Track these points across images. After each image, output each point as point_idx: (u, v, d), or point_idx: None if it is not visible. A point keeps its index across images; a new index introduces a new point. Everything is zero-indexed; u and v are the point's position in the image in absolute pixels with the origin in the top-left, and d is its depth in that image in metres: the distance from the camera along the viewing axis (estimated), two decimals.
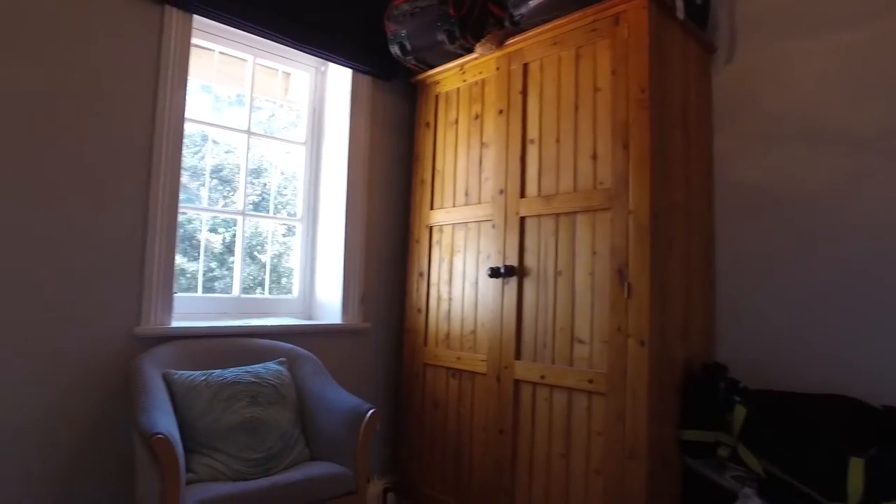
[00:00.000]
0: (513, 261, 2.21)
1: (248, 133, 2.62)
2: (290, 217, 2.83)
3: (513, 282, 2.20)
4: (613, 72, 1.96)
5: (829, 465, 1.58)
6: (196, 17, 2.27)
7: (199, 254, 2.57)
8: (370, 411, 1.94)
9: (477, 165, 2.45)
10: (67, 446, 1.92)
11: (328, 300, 2.72)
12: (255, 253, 2.75)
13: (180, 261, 2.47)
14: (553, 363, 2.03)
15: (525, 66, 2.27)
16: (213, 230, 2.66)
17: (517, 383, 2.14)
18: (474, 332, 2.36)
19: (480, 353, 2.31)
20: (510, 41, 2.29)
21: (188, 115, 2.30)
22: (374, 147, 2.85)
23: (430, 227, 2.65)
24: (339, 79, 2.81)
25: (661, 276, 1.84)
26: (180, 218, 2.26)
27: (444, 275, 2.54)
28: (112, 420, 2.01)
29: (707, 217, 2.17)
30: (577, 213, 2.03)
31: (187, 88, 2.22)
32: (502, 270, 2.22)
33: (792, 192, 2.03)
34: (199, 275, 2.56)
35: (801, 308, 1.98)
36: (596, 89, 2.02)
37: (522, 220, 2.21)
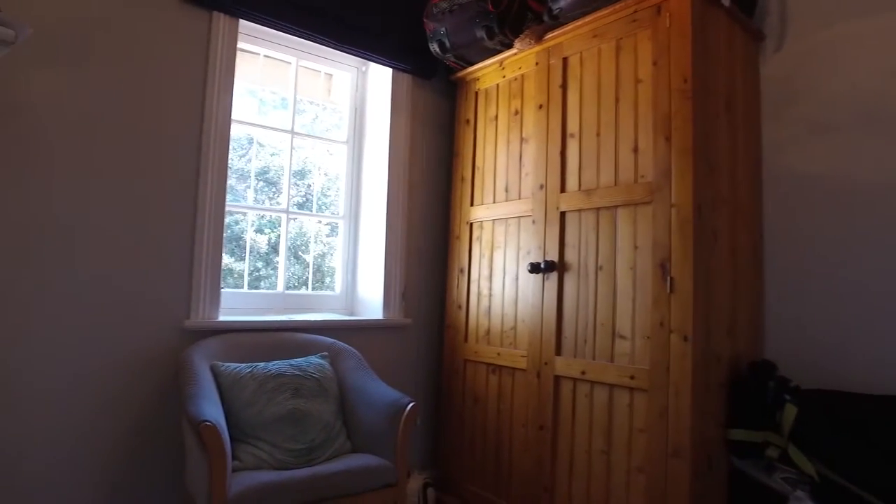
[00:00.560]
0: (553, 256, 2.19)
1: (291, 133, 2.69)
2: (332, 215, 2.89)
3: (553, 277, 2.18)
4: (655, 63, 1.92)
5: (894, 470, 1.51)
6: (242, 22, 2.35)
7: (246, 253, 2.65)
8: (410, 404, 1.96)
9: (517, 161, 2.44)
10: (123, 431, 2.01)
11: (370, 296, 2.76)
12: (299, 253, 2.81)
13: (227, 260, 2.55)
14: (594, 359, 2.00)
15: (565, 60, 2.25)
16: (259, 231, 2.74)
17: (557, 379, 2.12)
18: (514, 327, 2.35)
19: (520, 348, 2.30)
20: (549, 35, 2.27)
21: (234, 117, 2.37)
22: (415, 145, 2.87)
23: (471, 224, 2.65)
24: (380, 78, 2.84)
25: (705, 270, 1.79)
26: (228, 219, 2.34)
27: (485, 271, 2.54)
28: (164, 407, 2.10)
29: (755, 209, 2.10)
30: (618, 206, 2.00)
31: (234, 91, 2.29)
32: (542, 266, 2.20)
33: (846, 183, 1.94)
34: (245, 273, 2.64)
35: (856, 305, 1.89)
36: (637, 81, 1.98)
37: (563, 214, 2.19)
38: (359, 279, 2.83)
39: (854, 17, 1.97)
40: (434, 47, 2.63)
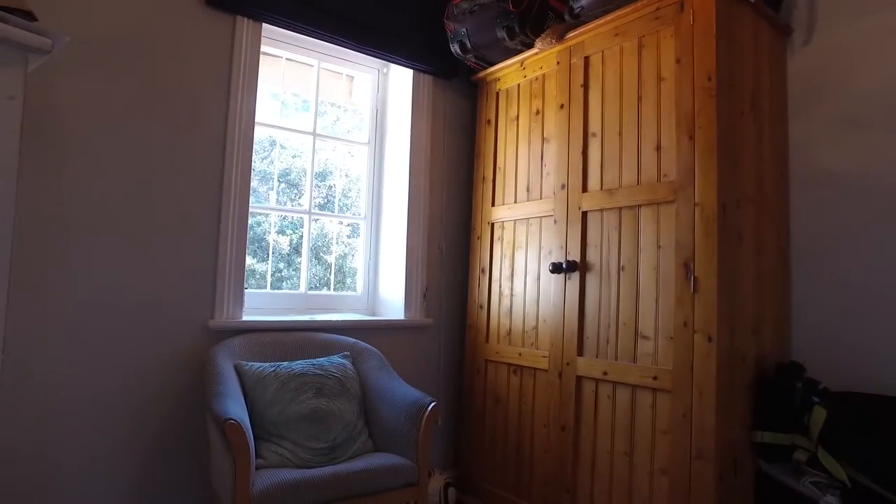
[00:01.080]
0: (575, 256, 2.18)
1: (313, 135, 2.71)
2: (353, 216, 2.91)
3: (575, 277, 2.17)
4: (678, 60, 1.90)
5: None
6: (265, 26, 2.38)
7: (268, 254, 2.68)
8: (432, 404, 1.96)
9: (538, 161, 2.43)
10: (151, 429, 2.05)
11: (391, 296, 2.77)
12: (321, 254, 2.84)
13: (250, 261, 2.58)
14: (616, 359, 1.98)
15: (586, 59, 2.23)
16: (281, 232, 2.77)
17: (579, 380, 2.11)
18: (536, 327, 2.34)
19: (542, 349, 2.29)
20: (570, 35, 2.26)
21: (257, 119, 2.40)
22: (436, 145, 2.88)
23: (492, 224, 2.65)
24: (401, 79, 2.86)
25: (729, 269, 1.76)
26: (250, 220, 2.37)
27: (506, 271, 2.54)
28: (190, 405, 2.13)
29: (781, 208, 2.06)
30: (640, 206, 1.97)
31: (257, 94, 2.33)
32: (564, 266, 2.19)
33: (877, 181, 1.89)
34: (268, 274, 2.67)
35: (887, 306, 1.84)
36: (660, 79, 1.96)
37: (584, 214, 2.17)
38: (380, 279, 2.85)
39: (885, 8, 1.92)
40: (455, 48, 2.63)
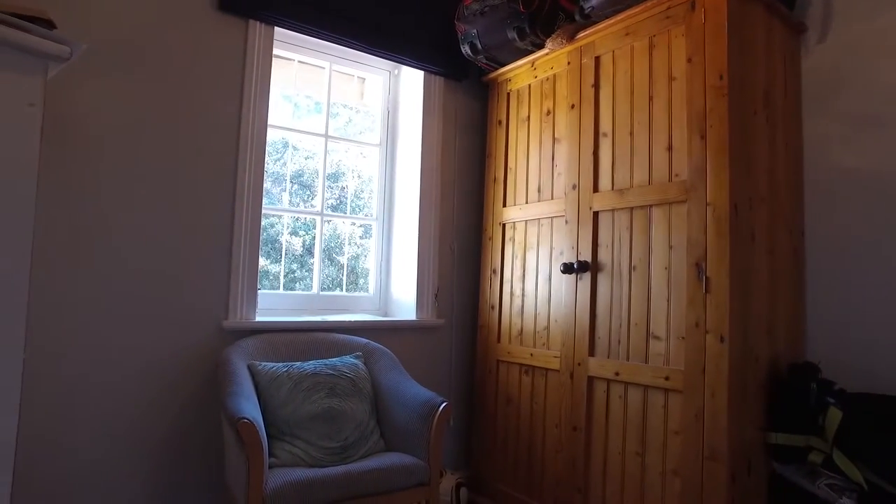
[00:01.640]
0: (586, 256, 2.17)
1: (325, 137, 2.74)
2: (366, 217, 2.93)
3: (586, 277, 2.16)
4: (689, 60, 1.89)
5: None
6: (277, 30, 2.41)
7: (281, 255, 2.71)
8: (443, 404, 1.97)
9: (549, 161, 2.43)
10: (166, 427, 2.08)
11: (403, 297, 2.79)
12: (333, 255, 2.86)
13: (263, 262, 2.61)
14: (628, 360, 1.98)
15: (597, 59, 2.23)
16: (293, 233, 2.80)
17: (591, 380, 2.10)
18: (547, 328, 2.34)
19: (553, 349, 2.29)
20: (581, 35, 2.26)
21: (270, 122, 2.43)
22: (447, 146, 2.89)
23: (503, 224, 2.65)
24: (412, 81, 2.87)
25: (742, 269, 1.75)
26: (263, 222, 2.40)
27: (517, 271, 2.54)
28: (204, 404, 2.16)
29: (795, 207, 2.04)
30: (652, 206, 1.97)
31: (269, 97, 2.35)
32: (575, 266, 2.19)
33: (893, 180, 1.87)
34: (281, 275, 2.70)
35: None
36: (671, 79, 1.95)
37: (595, 214, 2.17)
38: (392, 280, 2.86)
39: None
40: (465, 49, 2.64)
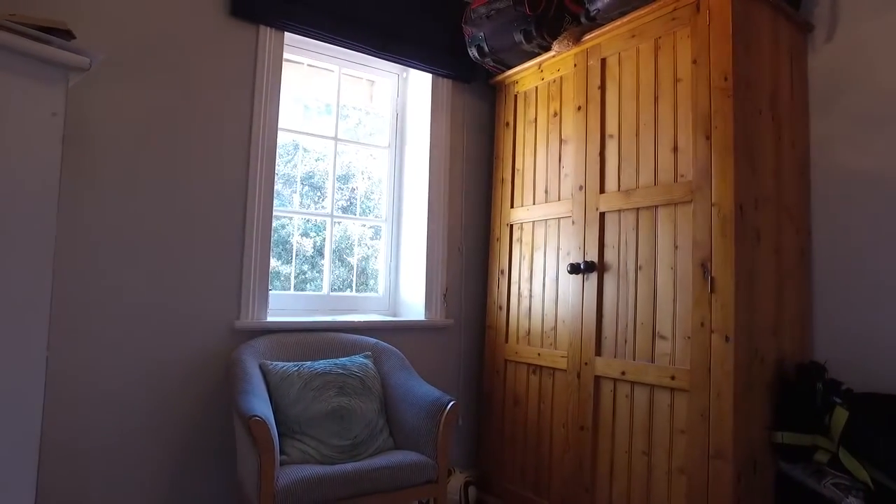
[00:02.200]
0: (592, 256, 2.19)
1: (335, 140, 2.77)
2: (375, 218, 2.96)
3: (593, 277, 2.18)
4: (695, 61, 1.90)
5: None
6: (287, 34, 2.44)
7: (292, 256, 2.75)
8: (451, 403, 1.99)
9: (556, 163, 2.45)
10: (179, 425, 2.13)
11: (412, 298, 2.82)
12: (343, 256, 2.89)
13: (274, 264, 2.65)
14: (634, 359, 1.99)
15: (603, 61, 2.24)
16: (304, 234, 2.83)
17: (597, 380, 2.12)
18: (554, 328, 2.36)
19: (561, 349, 2.31)
20: (587, 37, 2.28)
21: (281, 124, 2.47)
22: (455, 148, 2.91)
23: (511, 225, 2.67)
24: (420, 83, 2.90)
25: (747, 269, 1.76)
26: (274, 223, 2.44)
27: (525, 272, 2.56)
28: (216, 402, 2.20)
29: (802, 208, 2.05)
30: (657, 206, 1.98)
31: (280, 100, 2.39)
32: (582, 266, 2.21)
33: None
34: (292, 276, 2.74)
35: None
36: (676, 80, 1.97)
37: (602, 215, 2.18)
38: (401, 281, 2.89)
39: None
40: (473, 52, 2.66)
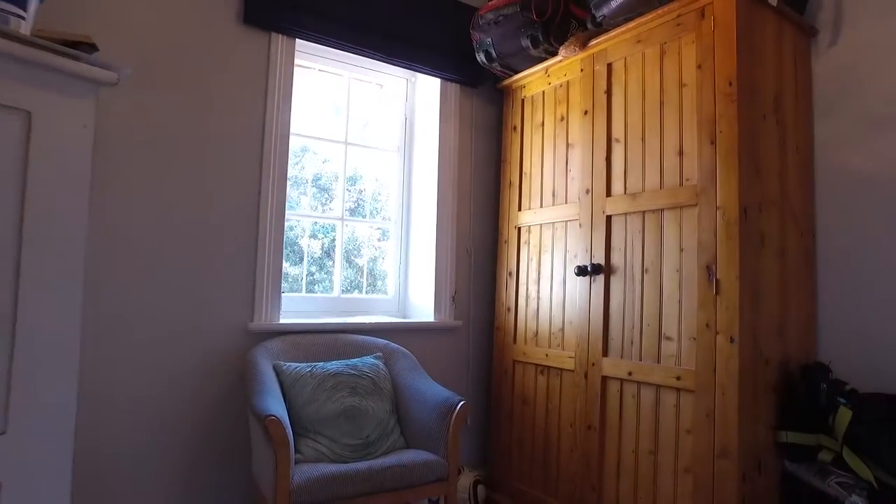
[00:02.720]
0: (599, 259, 2.23)
1: (345, 144, 2.82)
2: (385, 220, 3.00)
3: (600, 279, 2.22)
4: (699, 66, 1.93)
5: None
6: (299, 41, 2.49)
7: (303, 258, 2.79)
8: (461, 403, 2.03)
9: (563, 166, 2.48)
10: (196, 423, 2.18)
11: (421, 299, 2.86)
12: (351, 257, 2.94)
13: (284, 266, 2.69)
14: (640, 360, 2.03)
15: (609, 66, 2.28)
16: (312, 236, 2.88)
17: (604, 380, 2.16)
18: (562, 329, 2.39)
19: (568, 350, 2.35)
20: (593, 42, 2.31)
21: (291, 128, 2.51)
22: (463, 151, 2.96)
23: (519, 228, 2.71)
24: (429, 87, 2.94)
25: (752, 271, 1.79)
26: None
27: (533, 274, 2.60)
28: (231, 402, 2.25)
29: (806, 210, 2.07)
30: (663, 210, 2.02)
31: (292, 106, 2.44)
32: (589, 269, 2.24)
33: None
34: (304, 278, 2.79)
35: None
36: (682, 85, 2.00)
37: (609, 218, 2.22)
38: (410, 283, 2.94)
39: None
40: (481, 57, 2.70)
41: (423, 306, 2.85)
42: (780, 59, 2.02)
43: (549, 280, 2.49)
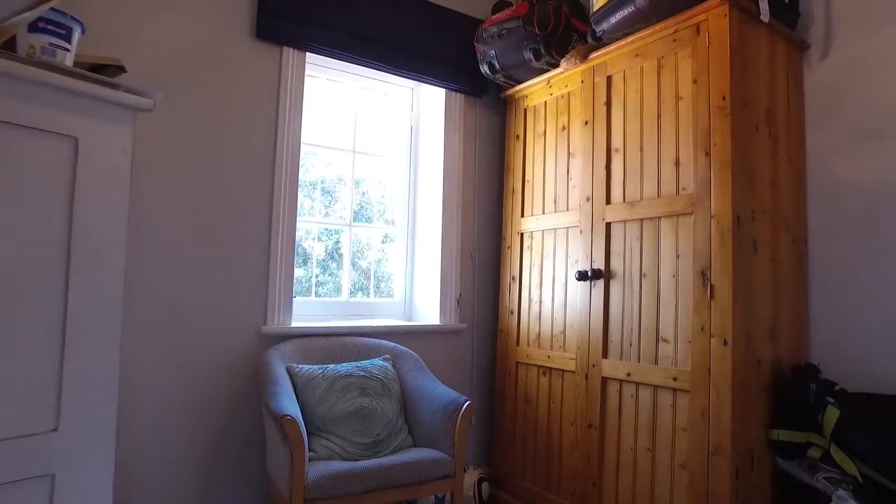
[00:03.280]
0: (599, 264, 2.31)
1: (353, 152, 2.91)
2: (390, 225, 3.09)
3: (600, 284, 2.31)
4: (695, 80, 2.02)
5: None
6: (308, 54, 2.58)
7: (311, 262, 2.88)
8: (467, 402, 2.12)
9: (564, 174, 2.57)
10: (212, 422, 2.27)
11: (427, 303, 2.95)
12: (355, 260, 3.02)
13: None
14: (639, 361, 2.12)
15: (609, 79, 2.37)
16: (316, 239, 2.96)
17: (604, 380, 2.25)
18: (563, 332, 2.48)
19: (569, 351, 2.43)
20: (593, 55, 2.40)
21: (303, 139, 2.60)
22: (468, 159, 3.05)
23: (522, 234, 2.80)
24: (434, 96, 3.03)
25: (744, 277, 1.88)
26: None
27: (535, 278, 2.69)
28: (245, 402, 2.35)
29: (798, 218, 2.16)
30: (660, 217, 2.10)
31: (303, 116, 2.53)
32: (589, 274, 2.33)
33: (894, 191, 1.97)
34: (313, 282, 2.87)
35: None
36: (678, 98, 2.09)
37: (608, 225, 2.31)
38: (416, 287, 3.03)
39: None
40: (484, 68, 2.79)
41: (428, 310, 2.94)
42: (773, 73, 2.11)
43: (551, 284, 2.58)
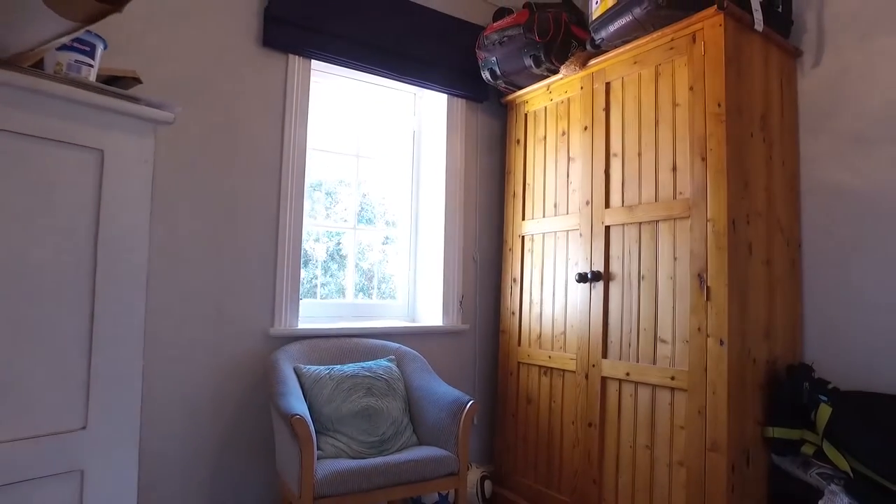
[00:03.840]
0: (599, 267, 2.37)
1: (356, 156, 2.97)
2: (392, 228, 3.15)
3: (599, 286, 2.36)
4: (691, 88, 2.08)
5: None
6: (314, 62, 2.64)
7: (313, 264, 2.93)
8: (470, 402, 2.18)
9: (564, 179, 2.63)
10: (222, 422, 2.33)
11: (430, 304, 3.01)
12: (356, 261, 3.07)
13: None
14: (637, 361, 2.18)
15: (607, 85, 2.43)
16: (316, 240, 3.01)
17: (604, 380, 2.30)
18: (564, 332, 2.54)
19: (570, 352, 2.49)
20: (593, 62, 2.46)
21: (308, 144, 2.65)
22: (469, 163, 3.10)
23: (523, 237, 2.86)
24: (436, 101, 3.09)
25: (740, 279, 1.94)
26: None
27: (536, 280, 2.75)
28: (254, 402, 2.40)
29: (792, 222, 2.22)
30: (658, 221, 2.16)
31: (308, 123, 2.59)
32: (589, 276, 2.39)
33: (884, 195, 2.03)
34: (318, 283, 2.93)
35: (893, 313, 1.98)
36: (675, 105, 2.15)
37: (607, 228, 2.36)
38: (419, 289, 3.08)
39: (891, 33, 2.06)
40: (485, 75, 2.85)
41: (431, 311, 2.99)
42: (767, 80, 2.17)
43: (552, 286, 2.64)
